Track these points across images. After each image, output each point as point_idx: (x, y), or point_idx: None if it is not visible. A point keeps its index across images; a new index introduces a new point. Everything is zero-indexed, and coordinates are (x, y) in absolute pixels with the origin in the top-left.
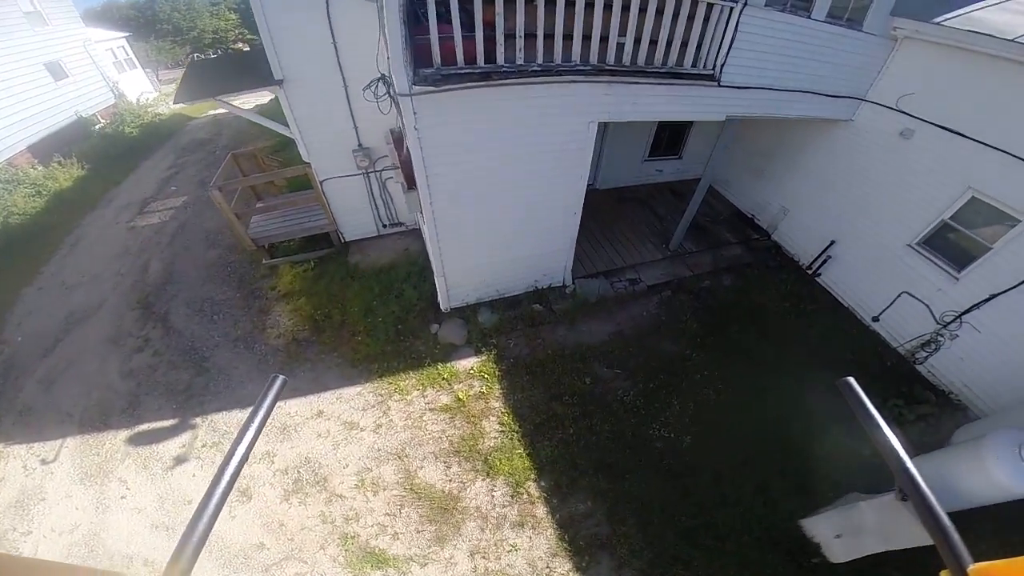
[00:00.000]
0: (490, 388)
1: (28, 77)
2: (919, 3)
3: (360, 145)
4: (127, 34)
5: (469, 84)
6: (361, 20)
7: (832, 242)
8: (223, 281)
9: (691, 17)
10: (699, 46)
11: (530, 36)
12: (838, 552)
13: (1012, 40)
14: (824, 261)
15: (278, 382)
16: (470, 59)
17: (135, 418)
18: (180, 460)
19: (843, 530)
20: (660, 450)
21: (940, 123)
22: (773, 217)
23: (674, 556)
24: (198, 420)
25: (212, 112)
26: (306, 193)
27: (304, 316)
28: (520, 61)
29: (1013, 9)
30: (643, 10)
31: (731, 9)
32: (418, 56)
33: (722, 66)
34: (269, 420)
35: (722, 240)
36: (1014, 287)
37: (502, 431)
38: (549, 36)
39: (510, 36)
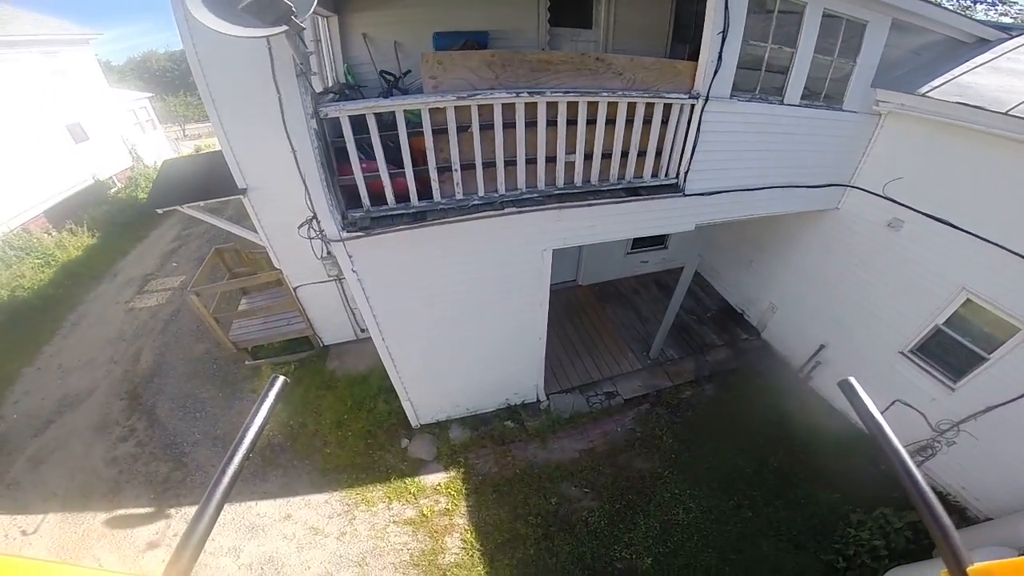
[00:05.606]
0: (456, 505)
1: (51, 139)
2: (905, 72)
3: (329, 253)
4: (150, 95)
5: (403, 227)
6: None
7: (821, 346)
8: (207, 379)
9: (647, 121)
10: (658, 154)
11: (468, 166)
12: None
13: (1005, 113)
14: (814, 366)
15: (278, 383)
16: (402, 196)
17: (114, 503)
18: (152, 545)
19: None
20: (620, 571)
21: (931, 213)
22: (762, 314)
23: None
24: (172, 511)
25: None
26: (283, 298)
27: (280, 423)
28: (459, 196)
29: (1006, 68)
30: (591, 122)
31: (692, 107)
32: (346, 196)
33: (686, 173)
34: (247, 505)
35: (707, 343)
36: (1013, 400)
37: (463, 548)
38: (489, 164)
39: (445, 169)
